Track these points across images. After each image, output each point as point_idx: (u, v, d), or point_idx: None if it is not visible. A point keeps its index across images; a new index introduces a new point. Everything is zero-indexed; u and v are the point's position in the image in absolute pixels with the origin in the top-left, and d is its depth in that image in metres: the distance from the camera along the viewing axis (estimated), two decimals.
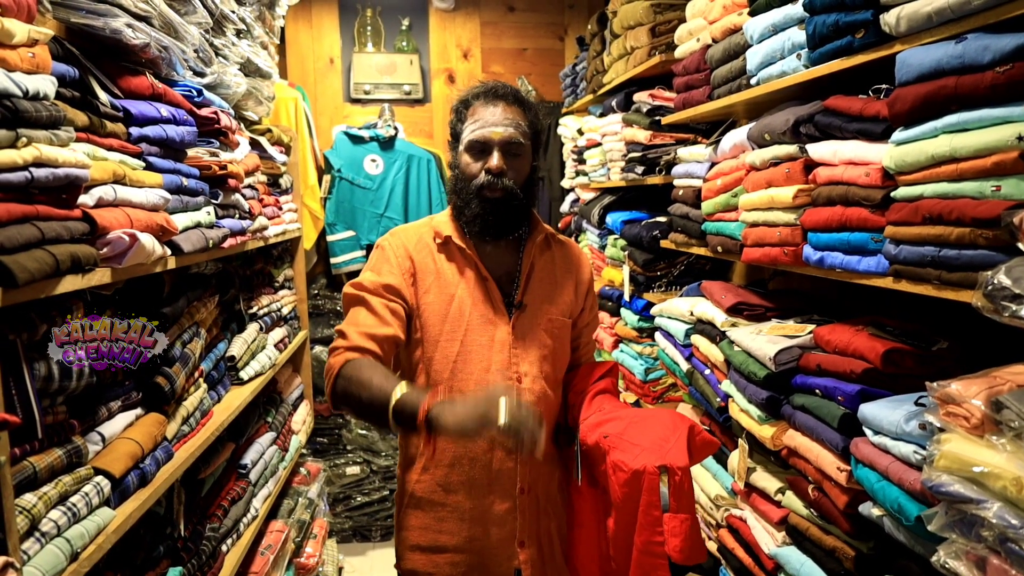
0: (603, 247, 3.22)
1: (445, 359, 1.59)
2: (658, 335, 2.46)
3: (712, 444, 1.50)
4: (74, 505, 1.24)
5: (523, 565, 1.62)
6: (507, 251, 1.67)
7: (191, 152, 1.84)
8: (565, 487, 1.71)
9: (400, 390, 1.35)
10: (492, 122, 1.56)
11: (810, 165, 1.57)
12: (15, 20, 1.08)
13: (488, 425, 1.26)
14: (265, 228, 2.57)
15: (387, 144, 4.20)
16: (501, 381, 1.58)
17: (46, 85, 1.13)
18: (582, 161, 3.59)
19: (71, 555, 1.20)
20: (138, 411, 1.57)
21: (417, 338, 1.62)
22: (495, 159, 1.55)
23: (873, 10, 1.31)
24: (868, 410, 1.29)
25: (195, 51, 1.85)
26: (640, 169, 2.76)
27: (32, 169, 1.08)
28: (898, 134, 1.26)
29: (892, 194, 1.29)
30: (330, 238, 4.17)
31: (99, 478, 1.34)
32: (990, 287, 0.98)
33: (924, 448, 1.14)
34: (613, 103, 3.07)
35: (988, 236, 1.07)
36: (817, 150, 1.53)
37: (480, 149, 1.57)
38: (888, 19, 1.26)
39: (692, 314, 2.14)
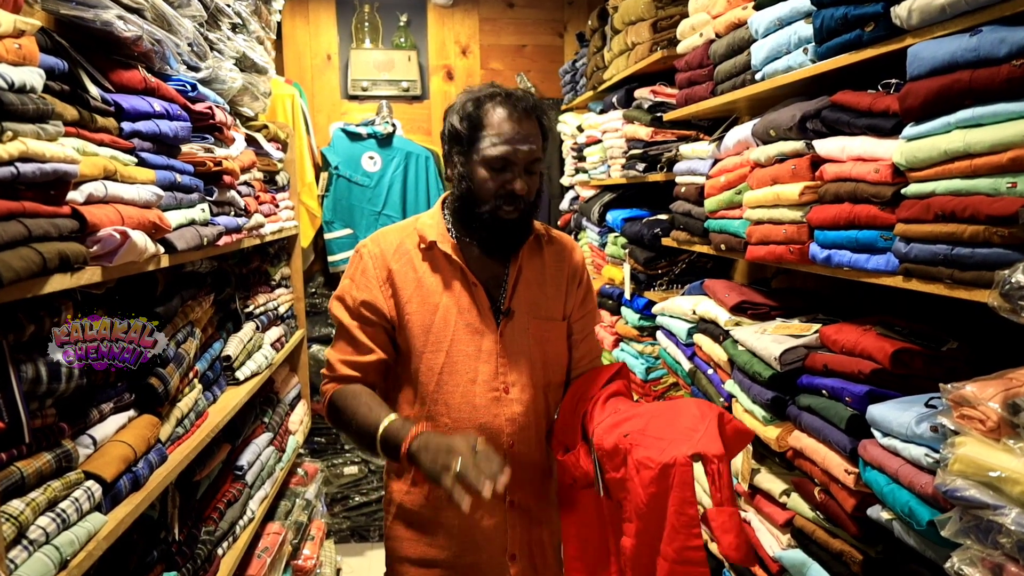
0: (603, 245, 3.19)
1: (430, 371, 1.54)
2: (660, 334, 2.44)
3: (747, 434, 1.39)
4: (64, 511, 1.21)
5: None
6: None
7: (185, 148, 1.81)
8: (560, 494, 1.63)
9: (385, 422, 1.39)
10: (516, 140, 1.46)
11: (817, 161, 1.55)
12: (0, 10, 1.05)
13: (445, 473, 1.22)
14: (261, 226, 2.54)
15: (385, 141, 4.17)
16: (487, 393, 1.53)
17: (33, 78, 1.10)
18: (582, 158, 3.56)
19: (60, 563, 1.16)
20: (131, 413, 1.54)
21: (404, 350, 1.57)
22: (519, 183, 1.46)
23: (884, 3, 1.28)
24: (877, 411, 1.27)
25: (189, 45, 1.82)
26: (641, 166, 2.73)
27: (18, 164, 1.05)
28: (909, 130, 1.23)
29: (902, 191, 1.27)
30: (328, 236, 4.14)
31: (90, 483, 1.30)
32: (1007, 286, 0.96)
33: (936, 451, 1.12)
34: (614, 100, 3.05)
35: (1003, 234, 1.05)
36: (824, 146, 1.50)
37: (501, 167, 1.47)
38: (899, 12, 1.23)
39: (695, 313, 2.11)
